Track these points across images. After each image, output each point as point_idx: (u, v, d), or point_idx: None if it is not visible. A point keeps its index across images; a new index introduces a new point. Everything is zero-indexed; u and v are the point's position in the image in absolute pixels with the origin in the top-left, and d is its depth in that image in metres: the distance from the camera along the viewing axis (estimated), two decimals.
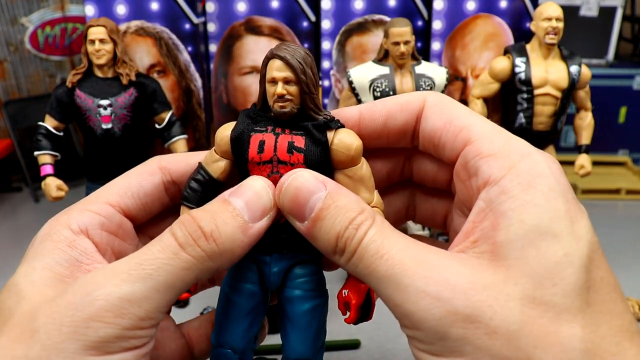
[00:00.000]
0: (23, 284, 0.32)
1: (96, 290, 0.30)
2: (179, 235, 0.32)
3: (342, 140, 0.38)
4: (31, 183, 1.82)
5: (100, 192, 0.39)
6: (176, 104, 1.42)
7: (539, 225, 0.29)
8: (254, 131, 0.38)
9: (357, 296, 0.38)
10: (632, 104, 2.01)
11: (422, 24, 1.46)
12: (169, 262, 0.31)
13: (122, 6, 1.36)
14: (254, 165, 0.37)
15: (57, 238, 0.35)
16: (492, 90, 1.35)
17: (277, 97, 0.37)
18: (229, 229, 0.33)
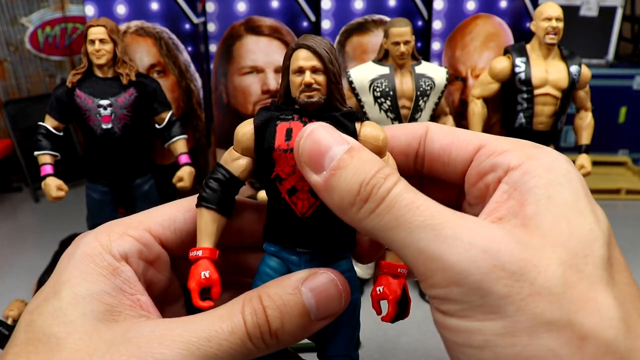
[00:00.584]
0: (73, 314, 0.31)
1: (162, 354, 0.30)
2: (249, 323, 0.32)
3: (371, 131, 0.37)
4: (31, 183, 1.82)
5: (143, 218, 0.39)
6: (176, 104, 1.42)
7: (566, 201, 0.30)
8: (280, 119, 0.37)
9: (394, 291, 0.37)
10: (632, 104, 2.01)
11: (422, 24, 1.46)
12: (235, 348, 0.31)
13: (122, 6, 1.36)
14: (279, 154, 0.36)
15: (100, 262, 0.34)
16: (492, 90, 1.35)
17: (304, 87, 0.36)
18: (293, 327, 0.33)
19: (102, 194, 1.27)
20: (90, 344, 0.30)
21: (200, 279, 0.36)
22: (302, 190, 0.37)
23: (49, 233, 1.54)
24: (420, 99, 1.24)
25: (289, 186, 0.37)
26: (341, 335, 0.39)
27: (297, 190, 0.37)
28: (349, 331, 0.39)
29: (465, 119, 1.42)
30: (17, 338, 0.31)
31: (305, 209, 0.37)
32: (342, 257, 0.39)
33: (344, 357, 0.39)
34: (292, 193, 0.37)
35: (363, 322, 0.40)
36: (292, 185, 0.37)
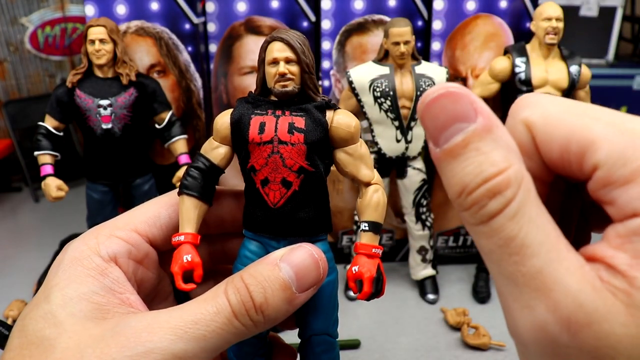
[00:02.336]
0: (62, 315, 0.32)
1: (151, 342, 0.30)
2: (232, 302, 0.33)
3: (343, 118, 0.39)
4: (31, 183, 1.82)
5: (129, 218, 0.39)
6: (176, 104, 1.42)
7: None
8: (255, 114, 0.39)
9: (369, 270, 0.39)
10: (632, 104, 2.01)
11: (422, 24, 1.46)
12: (222, 327, 0.32)
13: (122, 6, 1.36)
14: (254, 147, 0.38)
15: (88, 265, 0.35)
16: (492, 90, 1.35)
17: (278, 77, 0.38)
18: (276, 300, 0.34)
19: (102, 194, 1.27)
20: (80, 342, 0.30)
21: (183, 262, 0.38)
22: (274, 181, 0.38)
23: (49, 233, 1.54)
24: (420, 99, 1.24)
25: (262, 177, 0.39)
26: (320, 314, 0.40)
27: (270, 182, 0.38)
28: (328, 310, 0.41)
29: None
30: (12, 343, 0.32)
31: (277, 199, 0.39)
32: (318, 240, 0.40)
33: (323, 335, 0.41)
34: (264, 184, 0.39)
35: (363, 322, 0.41)
36: (265, 177, 0.38)
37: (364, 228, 0.40)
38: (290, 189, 0.39)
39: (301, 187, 0.39)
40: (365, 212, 0.41)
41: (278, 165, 0.38)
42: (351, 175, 0.41)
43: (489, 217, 0.25)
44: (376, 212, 0.40)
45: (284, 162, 0.38)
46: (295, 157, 0.38)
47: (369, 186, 0.41)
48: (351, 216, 1.44)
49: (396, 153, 1.28)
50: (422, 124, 0.27)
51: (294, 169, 0.38)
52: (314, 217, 0.40)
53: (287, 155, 0.38)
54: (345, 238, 1.47)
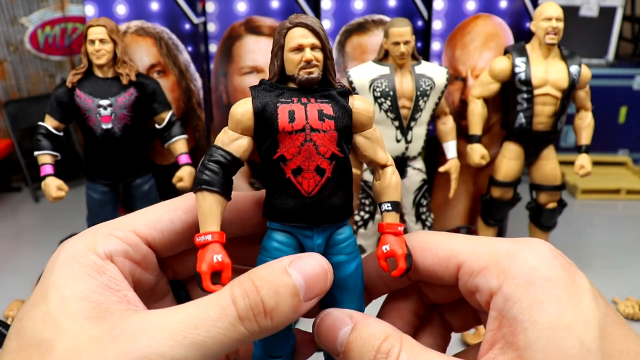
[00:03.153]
0: (61, 316, 0.31)
1: (150, 347, 0.29)
2: (239, 306, 0.32)
3: (361, 104, 0.40)
4: (31, 183, 1.82)
5: (129, 219, 0.39)
6: (176, 104, 1.42)
7: (551, 321, 0.31)
8: (280, 102, 0.38)
9: (401, 247, 0.39)
10: (632, 104, 2.01)
11: (422, 24, 1.46)
12: (225, 333, 0.31)
13: (122, 6, 1.36)
14: (285, 136, 0.37)
15: (84, 262, 0.34)
16: (492, 91, 1.35)
17: (304, 64, 0.38)
18: (286, 307, 0.33)
19: (102, 194, 1.27)
20: (79, 344, 0.30)
21: (213, 262, 0.36)
22: (308, 170, 0.38)
23: (49, 233, 1.54)
24: (420, 99, 1.24)
25: (295, 166, 0.38)
26: (353, 295, 0.40)
27: (303, 170, 0.38)
28: (359, 291, 0.41)
29: (465, 119, 1.42)
30: (9, 346, 0.31)
31: (311, 187, 0.38)
32: (343, 225, 0.41)
33: None
34: (297, 173, 0.38)
35: None
36: (298, 166, 0.38)
37: (387, 208, 0.41)
38: (324, 176, 0.38)
39: (333, 173, 0.39)
40: (386, 193, 0.41)
41: (312, 153, 0.38)
42: (369, 158, 0.41)
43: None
44: (396, 192, 0.41)
45: (317, 149, 0.38)
46: (328, 144, 0.38)
47: (385, 168, 0.42)
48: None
49: (396, 153, 1.28)
50: (322, 345, 0.37)
51: (327, 156, 0.38)
52: (345, 201, 0.40)
53: (320, 142, 0.38)
54: None
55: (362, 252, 1.37)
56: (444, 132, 1.36)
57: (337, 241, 0.40)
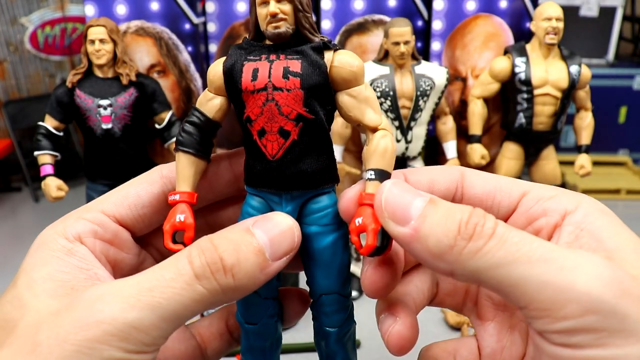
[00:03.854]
0: (26, 296, 0.31)
1: (102, 311, 0.29)
2: (196, 264, 0.31)
3: (344, 57, 0.36)
4: (31, 183, 1.82)
5: (97, 201, 0.39)
6: (176, 104, 1.42)
7: (631, 236, 0.31)
8: (247, 60, 0.36)
9: (374, 221, 0.34)
10: (632, 104, 2.01)
11: (422, 24, 1.46)
12: (181, 293, 0.30)
13: (122, 6, 1.36)
14: (248, 95, 0.36)
15: (53, 246, 0.34)
16: (492, 91, 1.35)
17: (270, 18, 0.35)
18: (249, 265, 0.32)
19: (102, 194, 1.27)
20: (39, 319, 0.30)
21: (175, 222, 0.36)
22: (271, 131, 0.36)
23: None
24: (420, 99, 1.24)
25: (259, 127, 0.36)
26: (330, 272, 0.38)
27: (266, 132, 0.36)
28: (338, 268, 0.38)
29: (465, 119, 1.42)
30: None
31: (275, 151, 0.36)
32: (323, 193, 0.38)
33: (335, 294, 0.38)
34: (261, 135, 0.36)
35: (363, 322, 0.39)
36: (262, 127, 0.36)
37: (370, 177, 0.36)
38: (289, 139, 0.36)
39: (300, 136, 0.36)
40: (371, 159, 0.36)
41: (274, 113, 0.35)
42: (356, 119, 0.37)
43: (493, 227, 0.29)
44: (383, 159, 0.36)
45: (279, 109, 0.35)
46: (292, 104, 0.35)
47: (375, 132, 0.37)
48: None
49: (396, 153, 1.28)
50: (385, 214, 0.32)
51: (292, 117, 0.35)
52: (317, 168, 0.37)
53: (283, 102, 0.35)
54: None
55: None
56: (444, 132, 1.36)
57: (312, 210, 0.37)
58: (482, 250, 0.29)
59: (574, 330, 0.28)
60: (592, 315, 0.27)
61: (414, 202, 0.31)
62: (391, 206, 0.32)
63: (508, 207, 0.36)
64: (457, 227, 0.30)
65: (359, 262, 1.35)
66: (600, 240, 0.31)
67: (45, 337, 0.29)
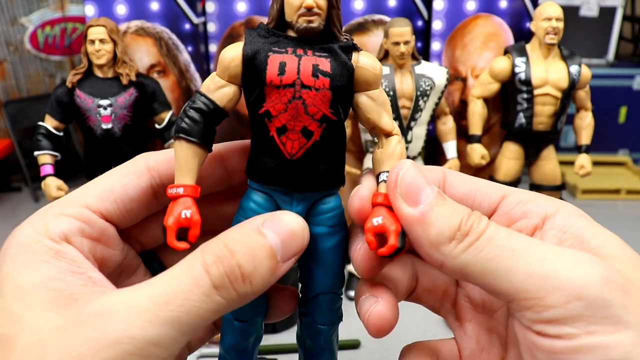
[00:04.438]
0: (20, 309, 0.29)
1: (118, 330, 0.27)
2: (213, 274, 0.29)
3: (368, 60, 0.35)
4: (31, 183, 1.82)
5: (78, 193, 0.35)
6: (176, 104, 1.42)
7: (612, 236, 0.33)
8: (272, 51, 0.34)
9: (394, 222, 0.33)
10: (632, 104, 2.01)
11: (422, 24, 1.46)
12: (200, 305, 0.28)
13: (122, 6, 1.36)
14: (272, 89, 0.33)
15: (39, 249, 0.31)
16: (492, 91, 1.35)
17: (304, 10, 0.33)
18: (264, 270, 0.30)
19: None
20: (42, 336, 0.27)
21: (180, 218, 0.33)
22: (293, 130, 0.34)
23: None
24: (420, 99, 1.24)
25: (279, 124, 0.34)
26: (330, 271, 0.38)
27: (288, 130, 0.34)
28: (338, 269, 0.38)
29: (465, 119, 1.42)
30: None
31: (295, 150, 0.34)
32: (331, 194, 0.37)
33: (331, 294, 0.38)
34: (281, 132, 0.34)
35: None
36: (283, 124, 0.34)
37: (386, 178, 0.35)
38: (311, 140, 0.34)
39: (322, 137, 0.35)
40: (388, 162, 0.36)
41: (299, 112, 0.34)
42: (373, 122, 0.36)
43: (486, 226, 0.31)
44: None
45: (306, 109, 0.34)
46: (319, 104, 0.34)
47: (390, 136, 0.37)
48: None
49: None
50: (398, 191, 0.33)
51: (317, 117, 0.34)
52: (332, 169, 0.36)
53: (311, 101, 0.33)
54: None
55: None
56: (444, 132, 1.36)
57: (321, 211, 0.36)
58: (473, 245, 0.30)
59: (562, 319, 0.28)
60: (577, 302, 0.28)
61: (426, 189, 0.33)
62: (405, 185, 0.33)
63: (488, 208, 0.37)
64: (458, 223, 0.31)
65: None
66: (584, 240, 0.32)
67: (55, 359, 0.27)
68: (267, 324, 0.43)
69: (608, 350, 0.27)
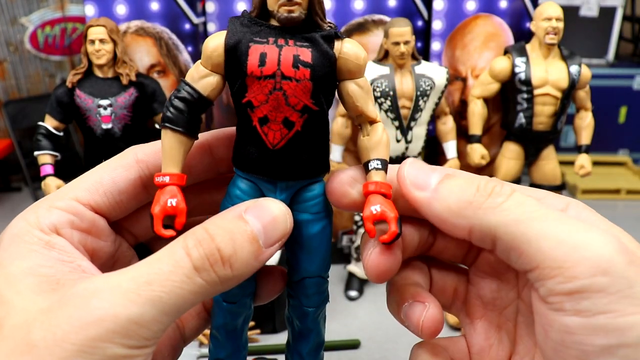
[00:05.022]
0: (7, 293, 0.30)
1: (102, 308, 0.28)
2: (194, 256, 0.30)
3: (351, 48, 0.35)
4: (31, 183, 1.82)
5: (69, 187, 0.36)
6: None
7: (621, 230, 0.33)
8: (253, 42, 0.34)
9: (392, 209, 0.34)
10: (632, 104, 2.01)
11: (422, 24, 1.46)
12: (181, 286, 0.29)
13: (122, 6, 1.36)
14: (253, 80, 0.34)
15: (29, 240, 0.32)
16: (492, 91, 1.35)
17: (285, 0, 0.33)
18: (245, 254, 0.31)
19: None
20: (28, 317, 0.28)
21: (166, 206, 0.34)
22: (275, 120, 0.34)
23: None
24: (420, 99, 1.24)
25: (261, 115, 0.34)
26: (315, 257, 0.38)
27: (270, 121, 0.34)
28: (323, 253, 0.38)
29: (465, 119, 1.42)
30: None
31: (277, 140, 0.35)
32: (316, 182, 0.37)
33: (317, 277, 0.39)
34: (263, 122, 0.34)
35: (363, 322, 0.39)
36: (265, 115, 0.34)
37: (377, 166, 0.36)
38: (293, 130, 0.35)
39: (304, 127, 0.35)
40: (377, 149, 0.37)
41: (280, 103, 0.34)
42: (361, 110, 0.36)
43: (512, 190, 0.31)
44: (386, 150, 0.37)
45: (287, 100, 0.34)
46: (300, 95, 0.34)
47: (375, 123, 0.37)
48: (351, 216, 1.44)
49: (396, 153, 1.28)
50: (407, 182, 0.34)
51: (298, 108, 0.34)
52: (316, 158, 0.37)
53: (291, 92, 0.34)
54: (345, 238, 1.47)
55: None
56: (444, 132, 1.36)
57: (305, 198, 0.37)
58: (501, 206, 0.31)
59: (584, 291, 0.28)
60: (602, 277, 0.27)
61: (434, 173, 0.34)
62: (413, 174, 0.34)
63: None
64: (475, 187, 0.32)
65: (359, 262, 1.34)
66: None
67: (40, 338, 0.28)
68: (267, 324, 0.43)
69: (623, 333, 0.27)
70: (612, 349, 0.27)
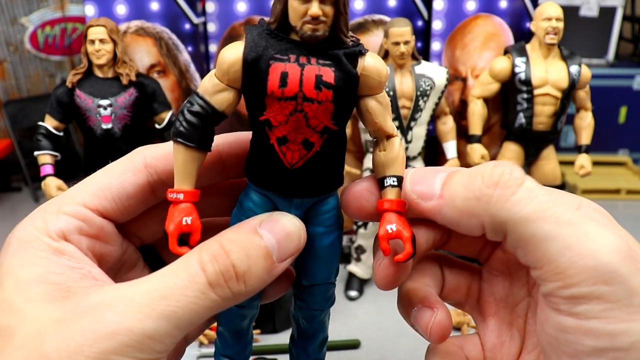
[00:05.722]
0: (19, 301, 0.29)
1: (115, 321, 0.28)
2: (209, 272, 0.30)
3: (373, 65, 0.34)
4: (31, 183, 1.82)
5: (76, 191, 0.36)
6: (176, 104, 1.42)
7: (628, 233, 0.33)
8: (274, 59, 0.32)
9: (408, 228, 0.34)
10: (632, 104, 2.01)
11: (422, 24, 1.46)
12: (195, 301, 0.29)
13: (122, 6, 1.36)
14: (273, 100, 0.32)
15: (38, 246, 0.32)
16: (492, 91, 1.35)
17: (309, 18, 0.32)
18: (258, 269, 0.31)
19: None
20: (40, 327, 0.28)
21: (181, 224, 0.33)
22: (294, 141, 0.33)
23: None
24: (420, 99, 1.24)
25: (280, 135, 0.33)
26: (326, 266, 0.38)
27: (289, 141, 0.33)
28: (333, 262, 0.39)
29: (465, 119, 1.42)
30: None
31: (295, 160, 0.34)
32: (330, 196, 0.37)
33: (327, 284, 0.39)
34: (282, 142, 0.33)
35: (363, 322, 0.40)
36: (284, 135, 0.33)
37: (393, 183, 0.35)
38: (312, 150, 0.34)
39: (323, 147, 0.34)
40: (393, 166, 0.36)
41: (301, 124, 0.33)
42: (380, 126, 0.36)
43: (522, 177, 0.30)
44: (402, 167, 0.36)
45: (307, 122, 0.33)
46: (321, 116, 0.33)
47: (391, 138, 0.36)
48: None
49: None
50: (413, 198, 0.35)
51: (318, 129, 0.33)
52: (332, 174, 0.36)
53: (312, 114, 0.33)
54: (345, 238, 1.47)
55: (362, 252, 1.37)
56: (444, 132, 1.36)
57: (319, 212, 0.36)
58: (512, 199, 0.30)
59: (581, 297, 0.28)
60: (603, 286, 0.27)
61: (437, 177, 0.34)
62: (417, 188, 0.34)
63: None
64: (480, 179, 0.31)
65: (359, 262, 1.35)
66: None
67: (53, 349, 0.27)
68: (267, 324, 0.44)
69: (614, 338, 0.27)
70: (603, 351, 0.28)
